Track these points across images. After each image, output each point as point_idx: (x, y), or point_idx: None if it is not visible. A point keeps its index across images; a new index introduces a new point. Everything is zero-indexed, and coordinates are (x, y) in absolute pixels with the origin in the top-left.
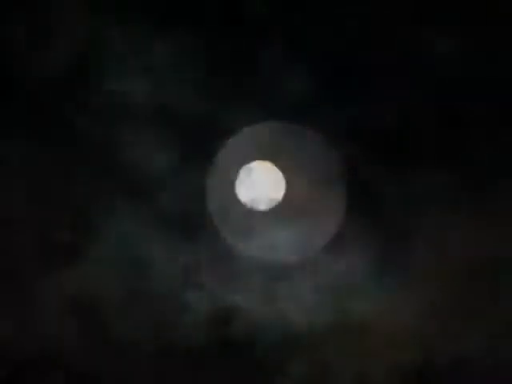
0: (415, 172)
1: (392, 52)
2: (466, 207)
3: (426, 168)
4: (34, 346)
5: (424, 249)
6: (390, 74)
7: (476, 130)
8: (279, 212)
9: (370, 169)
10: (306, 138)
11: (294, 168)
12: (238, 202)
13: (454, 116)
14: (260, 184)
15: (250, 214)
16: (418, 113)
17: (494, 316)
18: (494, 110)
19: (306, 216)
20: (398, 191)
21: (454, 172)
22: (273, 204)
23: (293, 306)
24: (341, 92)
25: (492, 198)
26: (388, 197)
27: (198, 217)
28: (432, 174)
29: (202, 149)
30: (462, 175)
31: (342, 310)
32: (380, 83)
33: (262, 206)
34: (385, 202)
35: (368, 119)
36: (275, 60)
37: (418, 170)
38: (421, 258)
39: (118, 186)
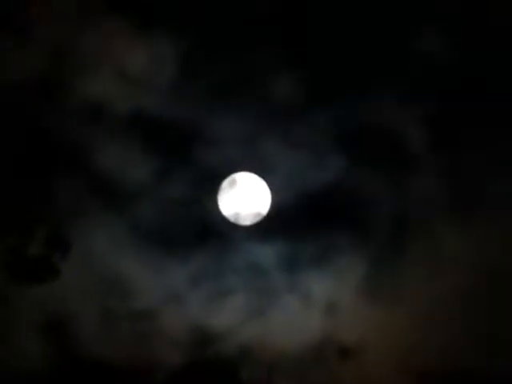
0: (414, 173)
1: (392, 52)
2: (466, 207)
3: (425, 168)
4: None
5: (421, 255)
6: (390, 74)
7: (476, 130)
8: (264, 227)
9: (366, 171)
10: (297, 147)
11: (281, 180)
12: (221, 215)
13: (455, 116)
14: (244, 197)
15: (233, 228)
16: (418, 113)
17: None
18: (494, 110)
19: (293, 230)
20: (395, 195)
21: (453, 173)
22: (257, 219)
23: (280, 325)
24: (340, 92)
25: (492, 199)
26: (386, 201)
27: (178, 231)
28: (431, 175)
29: (184, 157)
30: (460, 176)
31: (332, 328)
32: (380, 83)
33: (246, 221)
34: (381, 208)
35: (368, 119)
36: (273, 61)
37: (417, 170)
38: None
39: (93, 197)
